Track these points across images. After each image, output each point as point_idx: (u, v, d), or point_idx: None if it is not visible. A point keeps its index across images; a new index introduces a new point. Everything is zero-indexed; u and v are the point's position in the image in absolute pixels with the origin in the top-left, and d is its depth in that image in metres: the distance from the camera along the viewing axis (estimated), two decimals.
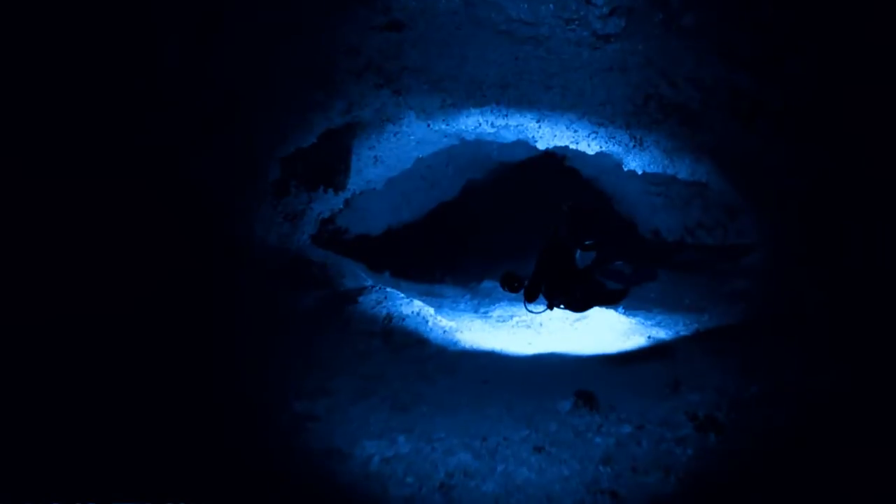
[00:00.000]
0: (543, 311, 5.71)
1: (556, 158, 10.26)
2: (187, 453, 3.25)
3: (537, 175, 11.57)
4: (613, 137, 6.15)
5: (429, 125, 6.70)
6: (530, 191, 12.12)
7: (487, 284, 9.94)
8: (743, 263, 8.87)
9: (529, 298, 5.63)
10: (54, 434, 3.28)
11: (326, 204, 8.16)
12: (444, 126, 6.79)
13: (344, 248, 10.01)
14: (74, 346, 3.82)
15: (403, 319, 5.25)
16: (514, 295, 6.56)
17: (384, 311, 5.36)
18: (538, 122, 6.21)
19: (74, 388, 3.57)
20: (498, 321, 6.56)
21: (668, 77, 5.20)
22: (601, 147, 6.45)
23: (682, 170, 7.37)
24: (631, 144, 6.20)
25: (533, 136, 6.59)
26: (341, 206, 8.90)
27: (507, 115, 5.89)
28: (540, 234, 6.29)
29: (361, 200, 9.76)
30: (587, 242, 5.69)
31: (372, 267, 9.96)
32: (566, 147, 7.81)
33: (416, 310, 5.73)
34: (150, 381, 3.83)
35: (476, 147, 9.72)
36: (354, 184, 8.48)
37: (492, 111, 5.91)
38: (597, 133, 6.14)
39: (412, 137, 7.47)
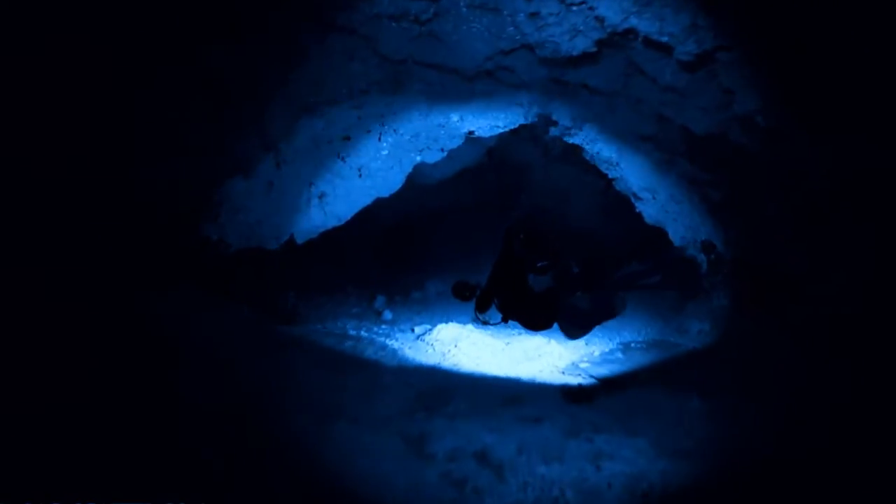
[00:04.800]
0: (498, 323, 5.08)
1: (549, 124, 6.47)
2: None
3: (521, 154, 7.79)
4: None
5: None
6: (513, 179, 8.35)
7: (445, 328, 6.12)
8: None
9: (480, 309, 5.09)
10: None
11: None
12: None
13: (217, 270, 6.15)
14: None
15: None
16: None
17: None
18: None
19: None
20: None
21: None
22: None
23: None
24: None
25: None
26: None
27: None
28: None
29: (245, 194, 5.89)
30: (539, 264, 4.98)
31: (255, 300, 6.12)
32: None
33: None
34: None
35: (426, 107, 5.86)
36: (219, 166, 4.65)
37: None
38: None
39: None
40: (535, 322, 5.88)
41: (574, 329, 5.23)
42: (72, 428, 2.99)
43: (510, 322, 6.12)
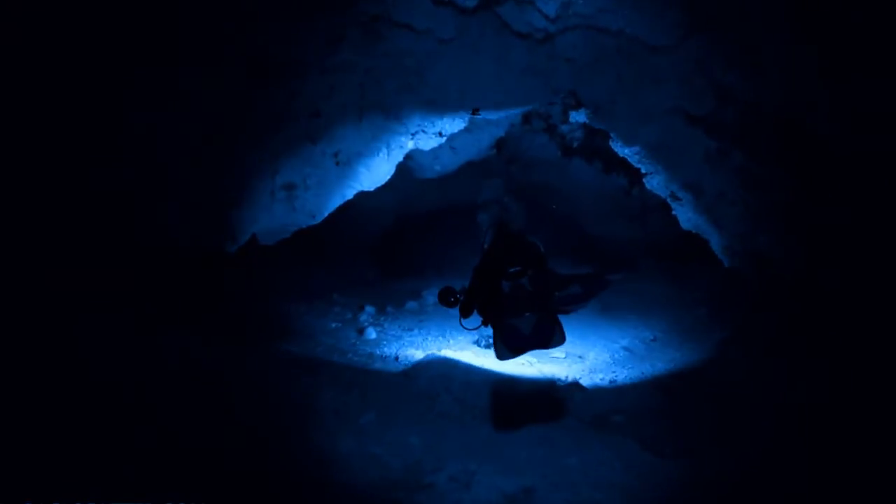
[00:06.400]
0: (478, 327, 4.62)
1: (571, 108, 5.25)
2: None
3: (534, 147, 6.57)
4: None
5: None
6: (525, 176, 7.14)
7: (437, 356, 4.90)
8: None
9: (464, 314, 4.63)
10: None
11: None
12: None
13: (156, 279, 4.98)
14: None
15: None
16: None
17: None
18: None
19: None
20: None
21: None
22: None
23: None
24: None
25: None
26: None
27: None
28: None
29: (190, 184, 4.70)
30: (511, 270, 4.42)
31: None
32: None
33: None
34: None
35: (414, 70, 4.63)
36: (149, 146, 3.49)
37: None
38: None
39: None
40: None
41: (505, 351, 4.64)
42: None
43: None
